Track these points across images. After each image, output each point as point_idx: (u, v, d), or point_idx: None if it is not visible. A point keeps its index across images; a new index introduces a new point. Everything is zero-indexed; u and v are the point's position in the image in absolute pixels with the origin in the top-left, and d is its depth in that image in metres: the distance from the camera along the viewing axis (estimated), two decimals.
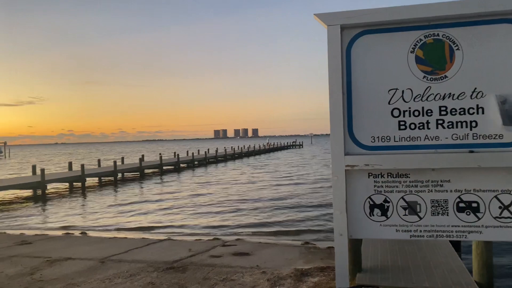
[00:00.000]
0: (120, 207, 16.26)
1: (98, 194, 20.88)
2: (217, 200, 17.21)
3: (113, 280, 5.92)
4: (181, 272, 6.22)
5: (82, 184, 23.48)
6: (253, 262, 6.84)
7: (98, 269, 6.58)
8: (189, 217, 13.63)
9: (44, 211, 16.24)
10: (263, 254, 7.60)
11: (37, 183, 20.62)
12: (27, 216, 15.10)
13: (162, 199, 17.94)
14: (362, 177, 3.33)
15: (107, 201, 18.04)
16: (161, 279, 5.88)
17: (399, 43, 3.31)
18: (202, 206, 15.67)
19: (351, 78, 3.34)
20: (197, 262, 6.87)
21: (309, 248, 8.58)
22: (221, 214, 13.88)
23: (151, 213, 14.70)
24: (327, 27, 3.26)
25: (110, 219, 13.82)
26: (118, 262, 6.98)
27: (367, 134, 3.32)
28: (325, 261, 7.09)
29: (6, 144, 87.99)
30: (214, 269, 6.38)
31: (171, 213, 14.51)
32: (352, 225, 3.33)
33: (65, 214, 15.08)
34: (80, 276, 6.20)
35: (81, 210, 16.07)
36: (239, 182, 24.02)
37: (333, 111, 3.27)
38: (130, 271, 6.34)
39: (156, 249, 8.32)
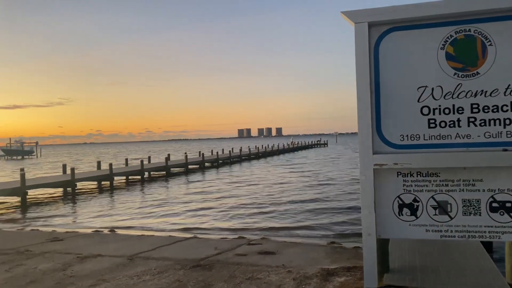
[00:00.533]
0: (147, 205, 16.54)
1: (126, 192, 21.31)
2: (242, 199, 17.28)
3: (141, 277, 6.04)
4: (208, 270, 6.29)
5: (110, 183, 24.00)
6: (279, 261, 6.83)
7: (127, 266, 6.72)
8: (214, 215, 13.74)
9: (74, 209, 16.70)
10: (288, 253, 7.59)
11: (67, 182, 21.22)
12: (58, 213, 15.56)
13: (188, 198, 18.15)
14: (391, 176, 3.28)
15: (135, 200, 18.39)
16: (188, 277, 5.95)
17: (429, 40, 3.24)
18: (227, 204, 15.77)
19: (379, 76, 3.29)
20: (223, 260, 6.92)
21: (335, 247, 8.51)
22: (246, 212, 13.93)
23: (177, 211, 14.90)
24: (355, 24, 3.23)
25: (137, 217, 14.07)
26: (146, 259, 7.11)
27: (395, 133, 3.27)
28: (352, 261, 7.02)
29: (37, 144, 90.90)
30: (240, 267, 6.41)
31: (196, 211, 14.66)
32: (380, 225, 3.29)
33: (94, 212, 15.45)
34: (110, 272, 6.34)
35: (109, 208, 16.43)
36: (264, 181, 24.03)
37: (361, 110, 3.23)
38: (158, 268, 6.45)
39: (183, 247, 8.43)
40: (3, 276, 6.31)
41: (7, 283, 5.93)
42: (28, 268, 6.77)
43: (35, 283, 5.87)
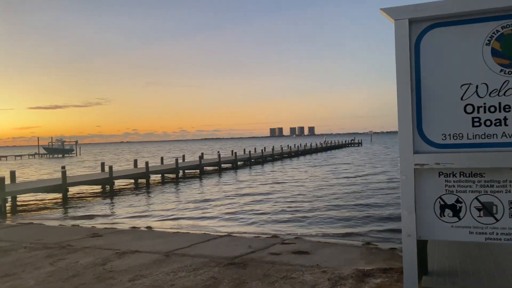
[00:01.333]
0: (182, 202, 16.84)
1: (161, 190, 21.76)
2: (274, 197, 17.28)
3: (177, 273, 6.15)
4: (242, 268, 6.32)
5: (146, 181, 24.60)
6: (313, 261, 6.79)
7: (163, 262, 6.86)
8: (247, 213, 13.81)
9: (112, 205, 17.22)
10: (323, 253, 7.52)
11: (106, 180, 21.91)
12: (96, 210, 16.09)
13: (221, 196, 18.34)
14: (432, 176, 3.18)
15: (170, 197, 18.76)
16: (223, 274, 6.01)
17: (473, 36, 3.12)
18: (260, 203, 15.81)
19: (420, 74, 3.20)
20: (257, 258, 6.94)
21: (371, 248, 8.37)
22: (279, 211, 13.91)
23: (210, 208, 15.08)
24: (394, 21, 3.15)
25: (173, 214, 14.35)
26: (182, 256, 7.23)
27: (437, 132, 3.17)
28: (388, 262, 6.88)
29: (77, 142, 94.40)
30: (274, 266, 6.41)
31: (229, 209, 14.79)
32: (421, 226, 3.20)
33: (131, 209, 15.87)
34: (147, 268, 6.49)
35: (145, 205, 16.84)
36: (295, 180, 23.93)
37: (401, 108, 3.15)
38: (193, 265, 6.55)
39: (217, 244, 8.52)
40: (47, 270, 6.59)
41: (51, 276, 6.18)
42: (70, 262, 7.04)
43: (77, 277, 6.09)
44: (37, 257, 7.50)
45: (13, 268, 6.78)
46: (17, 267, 6.84)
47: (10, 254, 7.88)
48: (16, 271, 6.56)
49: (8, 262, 7.22)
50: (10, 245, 8.68)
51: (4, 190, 16.12)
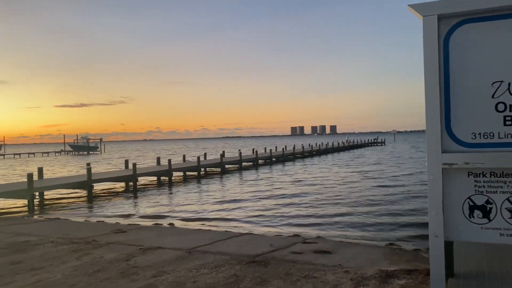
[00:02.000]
0: (203, 200, 16.96)
1: (183, 187, 21.98)
2: (296, 197, 17.21)
3: (199, 270, 6.19)
4: (264, 266, 6.32)
5: (169, 178, 24.87)
6: (335, 260, 6.73)
7: (186, 259, 6.92)
8: (268, 211, 13.79)
9: (135, 202, 17.49)
10: (345, 253, 7.45)
11: (130, 177, 22.25)
12: (120, 206, 16.36)
13: (242, 194, 18.38)
14: (461, 176, 3.09)
15: (192, 195, 18.92)
16: (244, 272, 6.02)
17: (505, 32, 3.01)
18: (281, 202, 15.77)
19: (449, 71, 3.11)
20: (279, 257, 6.93)
21: (394, 249, 8.24)
22: (301, 211, 13.85)
23: (232, 206, 15.13)
24: (423, 17, 3.07)
25: (194, 211, 14.46)
26: (204, 253, 7.28)
27: (467, 131, 3.08)
28: (412, 263, 6.76)
29: (101, 140, 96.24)
30: (295, 265, 6.39)
31: (250, 207, 14.81)
32: (448, 227, 3.12)
33: (154, 206, 16.08)
34: (170, 264, 6.57)
35: (168, 202, 17.04)
36: (316, 179, 23.78)
37: (429, 106, 3.07)
38: (215, 262, 6.58)
39: (238, 242, 8.55)
40: (73, 264, 6.75)
41: (77, 271, 6.32)
42: (95, 257, 7.18)
43: (102, 272, 6.21)
44: (63, 252, 7.69)
45: (41, 261, 6.97)
46: (45, 261, 7.03)
47: (38, 248, 8.10)
48: (43, 265, 6.74)
49: (36, 256, 7.43)
50: (38, 240, 8.93)
51: (32, 186, 16.58)
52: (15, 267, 6.65)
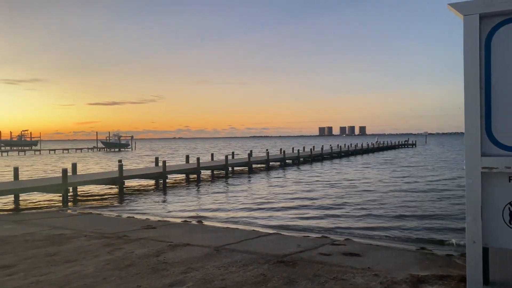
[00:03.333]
0: (231, 198, 17.06)
1: (211, 185, 22.18)
2: (324, 198, 17.07)
3: (227, 268, 6.22)
4: (291, 267, 6.29)
5: (197, 176, 25.17)
6: (364, 263, 6.62)
7: (214, 256, 6.98)
8: (295, 211, 13.74)
9: (165, 199, 17.79)
10: (374, 256, 7.33)
11: (159, 174, 22.65)
12: (150, 203, 16.68)
13: (269, 194, 18.38)
14: (502, 181, 2.97)
15: (220, 193, 19.07)
16: (272, 272, 6.01)
17: None
18: (309, 202, 15.68)
19: (491, 72, 2.99)
20: (307, 258, 6.89)
21: (425, 254, 8.03)
22: (328, 212, 13.72)
23: (259, 205, 15.15)
24: (463, 17, 2.97)
25: (222, 209, 14.56)
26: (232, 252, 7.32)
27: (508, 134, 2.96)
28: (444, 269, 6.57)
29: (132, 137, 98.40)
30: (324, 267, 6.33)
31: (277, 206, 14.79)
32: (487, 233, 3.01)
33: (183, 203, 16.31)
34: (198, 261, 6.63)
35: (196, 200, 17.23)
36: (345, 181, 23.49)
37: (468, 108, 2.97)
38: (243, 261, 6.60)
39: (266, 241, 8.55)
40: (105, 258, 6.92)
41: (109, 265, 6.48)
42: (126, 252, 7.34)
43: (132, 267, 6.34)
44: (96, 246, 7.90)
45: (74, 254, 7.19)
46: (78, 254, 7.24)
47: (71, 241, 8.36)
48: (77, 258, 6.95)
49: (70, 249, 7.67)
50: (71, 233, 9.22)
51: (66, 181, 17.13)
52: (51, 259, 6.89)
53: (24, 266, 6.49)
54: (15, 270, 6.26)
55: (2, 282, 5.67)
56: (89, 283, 5.52)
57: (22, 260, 6.83)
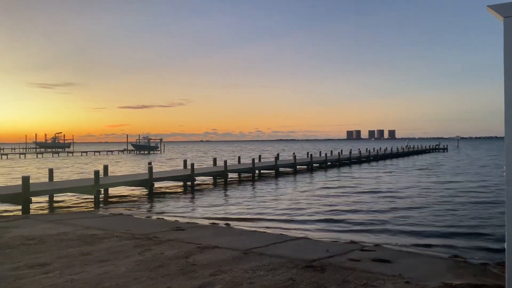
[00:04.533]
0: (259, 201, 17.07)
1: (238, 188, 22.27)
2: (352, 202, 16.84)
3: (256, 271, 6.23)
4: (320, 272, 6.24)
5: (225, 179, 25.33)
6: (395, 270, 6.50)
7: (242, 259, 7.00)
8: (323, 216, 13.61)
9: (193, 201, 17.98)
10: (405, 263, 7.18)
11: (188, 176, 22.93)
12: (179, 204, 16.90)
13: (296, 197, 18.28)
14: None
15: (247, 196, 19.11)
16: (301, 276, 5.98)
17: None
18: (336, 206, 15.50)
19: None
20: (336, 263, 6.81)
21: (458, 262, 7.81)
22: (356, 216, 13.52)
23: (286, 209, 15.09)
24: (503, 19, 2.87)
25: (249, 212, 14.59)
26: (260, 255, 7.32)
27: None
28: (479, 278, 6.37)
29: (161, 140, 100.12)
30: (353, 272, 6.25)
31: (305, 210, 14.69)
32: None
33: (210, 205, 16.43)
34: (227, 264, 6.68)
35: (223, 202, 17.34)
36: (378, 185, 23.11)
37: (509, 111, 2.86)
38: (271, 265, 6.60)
39: (294, 246, 8.51)
40: (136, 258, 7.06)
41: (139, 265, 6.61)
42: (156, 253, 7.47)
43: (162, 268, 6.45)
44: (127, 246, 8.07)
45: (106, 254, 7.37)
46: (110, 254, 7.42)
47: (104, 241, 8.58)
48: (109, 258, 7.12)
49: (103, 249, 7.86)
50: (103, 234, 9.46)
51: (98, 182, 17.60)
52: (84, 258, 7.09)
53: (59, 264, 6.70)
54: (51, 268, 6.48)
55: (39, 279, 5.87)
56: (121, 283, 5.65)
57: (57, 259, 7.06)
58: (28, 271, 6.31)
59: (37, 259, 7.06)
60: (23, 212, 14.51)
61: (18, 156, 75.77)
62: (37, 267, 6.56)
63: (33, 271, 6.30)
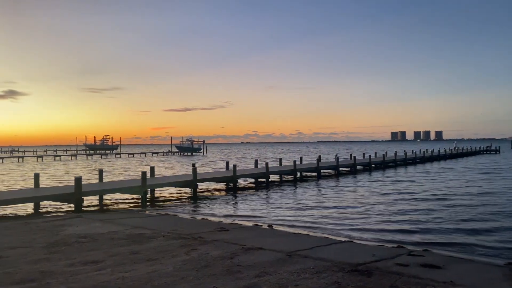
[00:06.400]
0: (300, 203, 16.96)
1: (280, 190, 22.24)
2: (398, 205, 16.37)
3: (300, 274, 6.21)
4: (366, 276, 6.13)
5: (266, 181, 25.39)
6: (446, 276, 6.26)
7: (286, 262, 7.00)
8: (368, 219, 13.32)
9: (235, 202, 18.15)
10: (456, 269, 6.89)
11: (230, 177, 23.20)
12: (222, 205, 17.11)
13: (340, 200, 18.00)
14: None
15: (289, 198, 19.04)
16: (347, 280, 5.90)
17: None
18: (381, 209, 15.12)
19: None
20: (382, 268, 6.66)
21: None
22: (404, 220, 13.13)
23: (328, 212, 14.90)
24: None
25: (292, 214, 14.51)
26: (304, 258, 7.29)
27: None
28: None
29: (204, 142, 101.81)
30: (401, 278, 6.08)
31: (349, 214, 14.44)
32: None
33: (252, 207, 16.51)
34: (271, 266, 6.69)
35: (265, 204, 17.36)
36: (424, 188, 22.34)
37: None
38: (316, 268, 6.55)
39: (339, 249, 8.39)
40: (182, 258, 7.23)
41: (186, 265, 6.76)
42: (202, 253, 7.62)
43: (208, 268, 6.56)
44: (173, 246, 8.29)
45: (154, 253, 7.60)
46: (158, 253, 7.65)
47: (151, 240, 8.85)
48: (157, 257, 7.34)
49: (151, 248, 8.12)
50: (151, 233, 9.75)
51: (145, 183, 18.17)
52: (133, 257, 7.35)
53: (111, 262, 6.99)
54: (103, 265, 6.77)
55: (92, 276, 6.15)
56: (169, 282, 5.80)
57: (108, 257, 7.36)
58: (82, 268, 6.62)
59: (90, 257, 7.40)
60: (76, 210, 15.24)
61: (69, 157, 79.75)
62: (90, 264, 6.88)
63: (87, 268, 6.61)
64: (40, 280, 5.91)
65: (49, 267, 6.65)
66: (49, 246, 8.38)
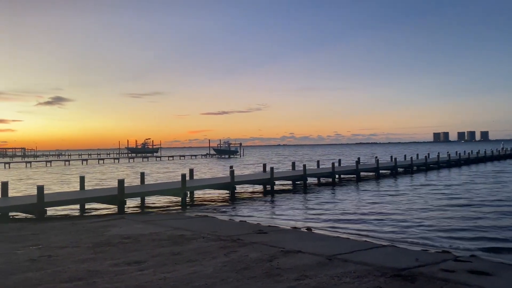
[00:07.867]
0: (339, 206, 16.70)
1: (318, 193, 21.99)
2: (441, 209, 15.78)
3: (341, 278, 6.10)
4: (410, 282, 5.93)
5: (304, 183, 25.19)
6: (497, 284, 5.96)
7: (326, 265, 6.89)
8: (408, 222, 12.92)
9: (272, 204, 18.12)
10: (508, 277, 6.55)
11: (267, 180, 23.21)
12: (259, 208, 17.13)
13: (381, 204, 17.58)
14: None
15: (327, 201, 18.80)
16: (389, 285, 5.73)
17: None
18: (424, 214, 14.62)
19: None
20: (427, 273, 6.43)
21: None
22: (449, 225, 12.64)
23: (369, 215, 14.59)
24: None
25: (331, 217, 14.31)
26: (344, 262, 7.15)
27: None
28: None
29: (241, 145, 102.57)
30: (447, 284, 5.84)
31: (390, 217, 14.06)
32: None
33: (290, 209, 16.43)
34: (311, 269, 6.61)
35: (303, 207, 17.23)
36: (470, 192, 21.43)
37: None
38: (357, 272, 6.41)
39: (380, 253, 8.19)
40: (222, 260, 7.29)
41: (226, 266, 6.81)
42: (241, 255, 7.65)
43: (248, 270, 6.58)
44: (213, 247, 8.37)
45: (195, 255, 7.71)
46: (198, 254, 7.75)
47: (192, 242, 8.98)
48: (197, 258, 7.44)
49: (191, 249, 8.24)
50: (191, 234, 9.91)
51: (185, 185, 18.52)
52: (175, 258, 7.49)
53: (153, 263, 7.15)
54: (145, 266, 6.94)
55: (135, 276, 6.32)
56: (210, 283, 5.86)
57: (150, 258, 7.54)
58: (126, 268, 6.82)
59: (133, 257, 7.61)
60: (119, 212, 15.74)
61: (112, 161, 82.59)
62: (133, 264, 7.07)
63: (130, 268, 6.80)
64: (87, 279, 6.14)
65: (95, 267, 6.89)
66: (94, 246, 8.70)
